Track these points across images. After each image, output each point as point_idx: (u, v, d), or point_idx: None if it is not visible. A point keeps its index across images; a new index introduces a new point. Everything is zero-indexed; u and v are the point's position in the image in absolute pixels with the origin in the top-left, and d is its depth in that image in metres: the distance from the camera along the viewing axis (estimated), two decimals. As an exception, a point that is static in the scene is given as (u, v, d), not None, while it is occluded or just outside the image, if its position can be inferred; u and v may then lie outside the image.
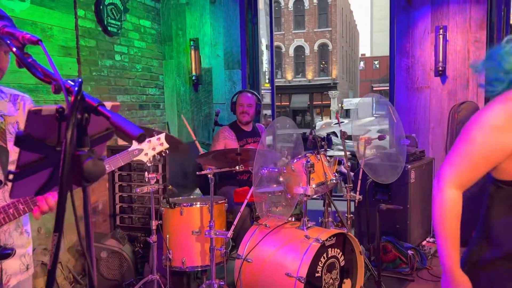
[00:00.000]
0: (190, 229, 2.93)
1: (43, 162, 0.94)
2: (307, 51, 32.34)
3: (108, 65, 4.09)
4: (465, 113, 4.26)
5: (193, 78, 4.94)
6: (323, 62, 32.67)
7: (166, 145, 2.33)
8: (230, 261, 3.34)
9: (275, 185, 2.96)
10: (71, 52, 3.63)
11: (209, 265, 2.94)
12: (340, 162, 3.44)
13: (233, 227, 2.67)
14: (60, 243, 0.80)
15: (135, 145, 2.06)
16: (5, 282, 1.55)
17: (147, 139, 2.29)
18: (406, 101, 4.62)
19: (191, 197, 3.54)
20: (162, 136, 2.34)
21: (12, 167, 1.56)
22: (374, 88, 29.41)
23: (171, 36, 5.01)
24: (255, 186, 2.68)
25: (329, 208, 3.34)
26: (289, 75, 32.70)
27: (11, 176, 0.91)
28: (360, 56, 48.99)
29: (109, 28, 4.02)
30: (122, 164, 1.91)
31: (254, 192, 2.97)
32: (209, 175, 2.72)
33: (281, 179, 2.91)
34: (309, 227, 2.76)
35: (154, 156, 2.32)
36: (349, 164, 3.24)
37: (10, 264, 1.57)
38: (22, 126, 1.60)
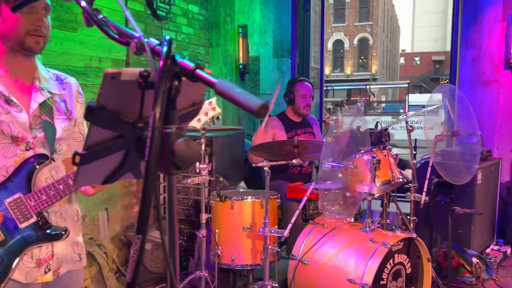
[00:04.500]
0: (241, 225, 2.74)
1: (116, 142, 0.75)
2: (346, 45, 31.61)
3: (156, 51, 3.94)
4: (539, 110, 3.86)
5: (240, 67, 4.74)
6: (363, 57, 31.86)
7: (218, 110, 2.14)
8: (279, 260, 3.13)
9: (333, 182, 2.72)
10: (120, 36, 3.49)
11: (260, 264, 2.74)
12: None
13: (290, 225, 2.45)
14: (144, 247, 0.61)
15: None
16: (55, 268, 1.40)
17: None
18: (470, 96, 4.24)
19: (241, 190, 3.34)
20: (214, 100, 2.15)
21: (58, 146, 1.42)
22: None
23: (219, 23, 4.83)
24: (317, 181, 2.45)
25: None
26: (327, 70, 32.10)
27: (77, 158, 0.72)
28: (400, 51, 47.59)
29: (158, 11, 3.87)
30: None
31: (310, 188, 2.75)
32: (265, 168, 2.51)
33: (340, 175, 2.68)
34: (372, 229, 2.52)
35: (206, 122, 2.14)
36: (414, 161, 2.96)
37: (62, 249, 1.44)
38: (69, 107, 1.48)
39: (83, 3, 0.83)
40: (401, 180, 2.65)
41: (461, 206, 3.28)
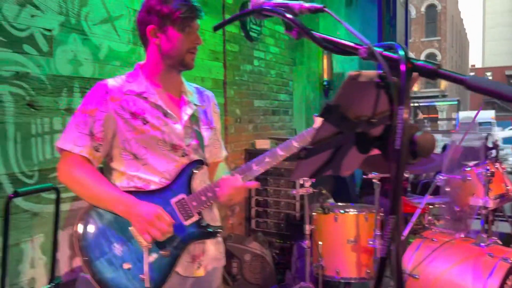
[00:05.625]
0: (345, 237, 2.76)
1: (335, 139, 0.83)
2: (412, 62, 30.72)
3: (248, 70, 4.13)
4: None
5: (325, 83, 4.81)
6: (431, 73, 30.76)
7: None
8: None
9: (441, 195, 2.68)
10: (218, 57, 3.71)
11: (365, 278, 2.73)
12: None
13: (402, 237, 2.44)
14: (399, 227, 0.68)
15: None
16: (205, 264, 1.53)
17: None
18: None
19: (341, 203, 3.36)
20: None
21: (205, 153, 1.55)
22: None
23: (303, 42, 4.95)
24: (429, 193, 2.43)
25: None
26: (392, 87, 31.32)
27: (304, 153, 0.82)
28: (470, 67, 45.46)
29: (250, 33, 4.06)
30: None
31: (412, 202, 2.72)
32: (374, 180, 2.53)
33: (448, 189, 2.63)
34: (488, 244, 2.43)
35: None
36: (525, 175, 2.83)
37: (210, 247, 1.56)
38: (209, 117, 1.61)
39: (291, 16, 0.94)
40: (516, 194, 2.55)
41: None
